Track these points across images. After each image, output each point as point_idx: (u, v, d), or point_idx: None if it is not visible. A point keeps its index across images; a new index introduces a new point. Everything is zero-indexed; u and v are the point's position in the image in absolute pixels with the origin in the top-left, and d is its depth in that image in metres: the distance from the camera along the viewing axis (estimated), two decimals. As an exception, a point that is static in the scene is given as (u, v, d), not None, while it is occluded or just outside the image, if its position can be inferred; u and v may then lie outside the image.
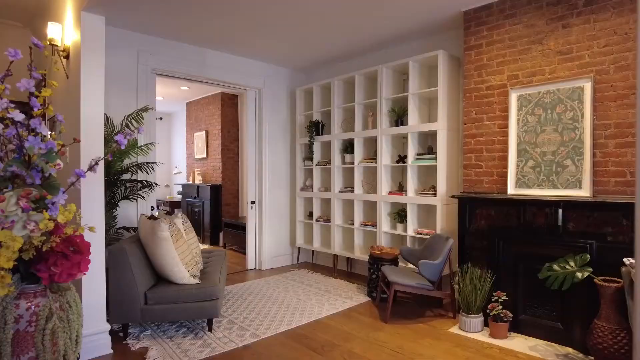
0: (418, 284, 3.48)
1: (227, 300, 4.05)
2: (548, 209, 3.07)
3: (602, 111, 2.96)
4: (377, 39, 4.52)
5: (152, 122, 4.38)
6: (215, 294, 3.08)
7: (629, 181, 2.85)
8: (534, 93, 3.27)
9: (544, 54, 3.24)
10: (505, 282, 3.30)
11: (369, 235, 4.85)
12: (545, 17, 3.23)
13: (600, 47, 2.97)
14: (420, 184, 4.34)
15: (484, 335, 3.22)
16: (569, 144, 3.08)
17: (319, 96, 5.35)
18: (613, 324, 2.61)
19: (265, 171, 5.46)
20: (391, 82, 4.50)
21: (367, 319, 3.58)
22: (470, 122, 3.71)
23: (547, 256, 3.05)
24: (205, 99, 7.73)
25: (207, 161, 7.72)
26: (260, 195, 5.45)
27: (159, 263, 3.08)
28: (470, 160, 3.71)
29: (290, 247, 5.81)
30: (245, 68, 5.22)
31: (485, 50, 3.58)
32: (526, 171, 3.30)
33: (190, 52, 4.70)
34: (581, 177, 3.00)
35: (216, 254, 4.21)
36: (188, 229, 3.62)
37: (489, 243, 3.41)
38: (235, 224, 6.62)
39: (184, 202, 8.01)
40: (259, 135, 5.46)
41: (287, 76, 5.74)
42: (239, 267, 5.54)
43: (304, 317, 3.58)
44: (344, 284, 4.66)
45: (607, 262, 2.80)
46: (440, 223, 3.92)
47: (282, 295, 4.22)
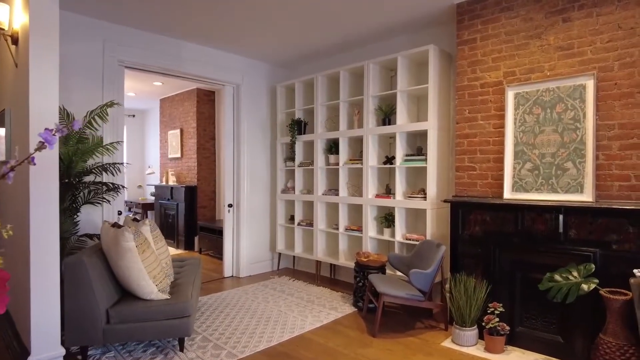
0: (409, 294, 3.24)
1: (201, 314, 3.72)
2: (548, 214, 2.87)
3: (605, 111, 2.78)
4: (363, 33, 4.26)
5: (119, 119, 4.01)
6: (187, 311, 2.76)
7: (634, 185, 2.67)
8: (532, 91, 3.07)
9: (543, 49, 3.04)
10: (502, 293, 3.09)
11: (354, 241, 4.60)
12: (545, 10, 3.03)
13: (603, 43, 2.79)
14: (409, 186, 4.11)
15: (479, 350, 3.00)
16: (570, 145, 2.89)
17: (302, 93, 5.07)
18: (621, 340, 2.43)
19: (244, 172, 5.14)
20: (378, 79, 4.25)
21: (354, 332, 3.32)
22: (463, 122, 3.49)
23: (547, 265, 2.86)
24: (180, 95, 7.34)
25: (181, 161, 7.33)
26: (238, 198, 5.12)
27: (123, 276, 2.74)
28: (463, 162, 3.50)
29: (270, 253, 5.50)
30: (222, 62, 4.89)
31: (480, 45, 3.37)
32: (524, 174, 3.10)
33: (163, 44, 4.34)
34: (583, 181, 2.82)
35: (189, 262, 3.87)
36: (157, 237, 3.28)
37: (483, 251, 3.20)
38: (211, 228, 6.27)
39: (157, 204, 7.59)
40: (237, 133, 5.14)
41: (268, 71, 5.43)
42: (215, 275, 5.20)
43: (286, 331, 3.30)
44: (327, 292, 4.39)
45: (611, 272, 2.62)
46: (430, 228, 3.70)
47: (261, 306, 3.92)
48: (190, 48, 4.57)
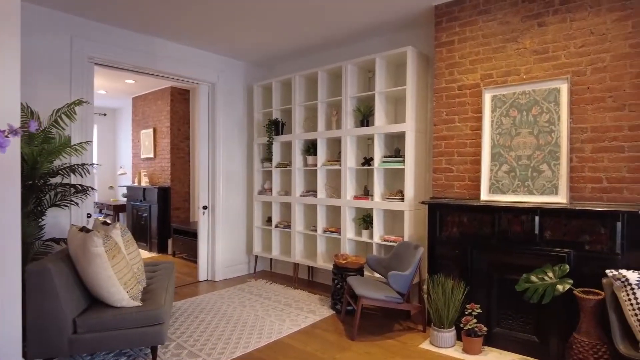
0: (387, 297, 3.22)
1: (175, 320, 3.60)
2: (524, 216, 2.91)
3: (579, 114, 2.84)
4: (342, 33, 4.23)
5: (88, 118, 3.84)
6: (160, 318, 2.66)
7: (605, 187, 2.73)
8: (509, 93, 3.11)
9: (519, 52, 3.08)
10: (479, 294, 3.11)
11: (332, 243, 4.56)
12: (521, 14, 3.07)
13: (576, 48, 2.85)
14: (387, 188, 4.10)
15: (457, 351, 3.01)
16: (545, 147, 2.93)
17: (279, 93, 4.99)
18: (593, 339, 2.47)
19: (219, 173, 5.03)
20: (356, 80, 4.23)
21: (332, 336, 3.28)
22: (441, 124, 3.51)
23: (523, 266, 2.89)
24: (154, 93, 7.14)
25: (154, 161, 7.12)
26: (214, 199, 5.01)
27: (92, 283, 2.61)
28: (440, 164, 3.51)
29: (247, 256, 5.40)
30: (197, 60, 4.77)
31: (458, 48, 3.39)
32: (500, 176, 3.13)
33: (136, 41, 4.19)
34: (557, 183, 2.86)
35: (163, 267, 3.75)
36: (128, 241, 3.15)
37: (461, 252, 3.21)
38: (185, 230, 6.11)
39: (129, 206, 7.36)
40: (212, 133, 5.02)
41: (244, 70, 5.34)
42: (189, 279, 5.06)
43: (263, 337, 3.22)
44: (305, 295, 4.33)
45: (584, 272, 2.67)
46: (408, 230, 3.70)
47: (237, 311, 3.83)
48: (164, 45, 4.43)
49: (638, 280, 2.23)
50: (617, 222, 2.55)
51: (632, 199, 2.63)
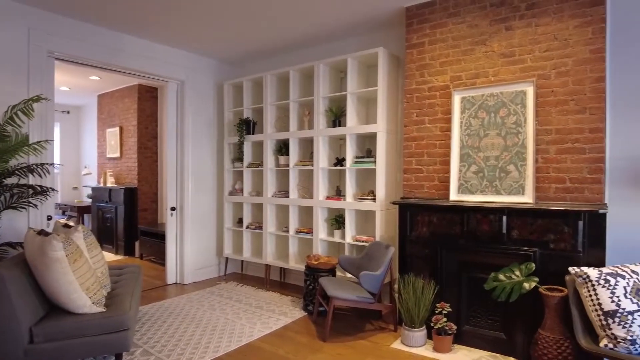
0: (359, 297, 3.22)
1: (141, 325, 3.48)
2: (492, 216, 2.97)
3: (544, 116, 2.92)
4: (313, 33, 4.21)
5: (48, 116, 3.66)
6: (125, 324, 2.55)
7: (568, 187, 2.82)
8: (478, 95, 3.17)
9: (487, 55, 3.14)
10: (449, 292, 3.16)
11: (304, 243, 4.53)
12: (489, 17, 3.13)
13: (541, 52, 2.93)
14: (359, 188, 4.11)
15: (428, 350, 3.04)
16: (512, 149, 3.00)
17: (250, 91, 4.92)
18: (557, 334, 2.55)
19: (188, 173, 4.91)
20: (328, 80, 4.21)
21: (304, 338, 3.25)
22: (411, 125, 3.54)
23: (491, 265, 2.95)
24: (120, 91, 6.90)
25: (121, 161, 6.89)
26: (182, 200, 4.88)
27: (51, 290, 2.48)
28: (410, 165, 3.54)
29: (217, 258, 5.30)
30: (166, 57, 4.64)
31: (428, 50, 3.42)
32: (469, 176, 3.18)
33: (101, 36, 4.03)
34: (524, 183, 2.94)
35: (129, 270, 3.61)
36: (92, 244, 3.01)
37: (431, 251, 3.25)
38: (153, 232, 5.94)
39: (94, 207, 7.09)
40: (180, 132, 4.89)
41: (214, 68, 5.23)
42: (157, 282, 4.92)
43: (233, 340, 3.16)
44: (277, 297, 4.29)
45: (549, 270, 2.75)
46: (379, 230, 3.71)
47: (207, 314, 3.74)
48: (131, 41, 4.29)
49: (598, 276, 2.31)
50: (579, 221, 2.64)
51: (592, 199, 2.73)
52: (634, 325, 2.16)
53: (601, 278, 2.29)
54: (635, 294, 2.24)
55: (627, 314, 2.18)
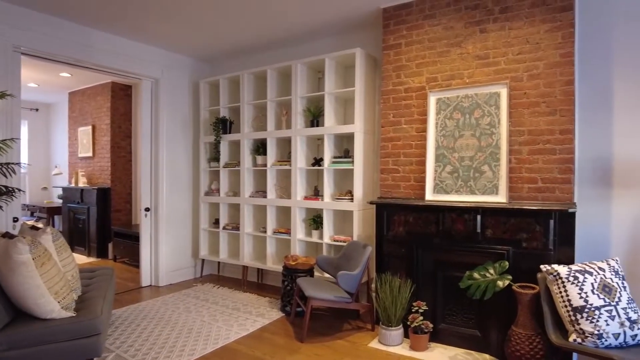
0: (337, 297, 3.22)
1: (114, 329, 3.39)
2: (467, 215, 3.02)
3: (517, 118, 2.99)
4: (291, 32, 4.19)
5: (14, 113, 3.53)
6: (96, 329, 2.48)
7: (540, 187, 2.89)
8: (453, 97, 3.21)
9: (462, 57, 3.19)
10: (425, 291, 3.20)
11: (282, 244, 4.50)
12: (464, 20, 3.18)
13: (514, 55, 2.99)
14: (337, 188, 4.12)
15: (405, 348, 3.07)
16: (487, 149, 3.06)
17: (227, 90, 4.86)
18: (529, 330, 2.61)
19: (163, 173, 4.81)
20: (306, 80, 4.20)
21: (281, 339, 3.23)
22: (388, 125, 3.56)
23: (466, 263, 3.00)
24: (93, 88, 6.71)
25: (93, 160, 6.70)
26: (157, 201, 4.78)
27: (17, 294, 2.38)
28: (387, 165, 3.57)
29: (193, 259, 5.21)
30: (140, 54, 4.53)
31: (405, 51, 3.45)
32: (444, 176, 3.23)
33: (71, 31, 3.90)
34: (498, 183, 3.00)
35: (101, 273, 3.52)
36: (61, 246, 2.91)
37: (407, 250, 3.28)
38: (127, 234, 5.80)
39: (65, 208, 6.87)
40: (155, 131, 4.79)
41: (190, 66, 5.14)
42: (131, 284, 4.80)
43: (209, 343, 3.11)
44: (254, 298, 4.25)
45: (521, 268, 2.81)
46: (357, 229, 3.73)
47: (183, 317, 3.67)
48: (103, 37, 4.17)
49: (567, 274, 2.38)
50: (550, 220, 2.71)
51: (562, 198, 2.80)
52: (601, 320, 2.23)
53: (570, 275, 2.36)
54: (602, 290, 2.31)
55: (594, 310, 2.25)
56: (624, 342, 2.22)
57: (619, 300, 2.29)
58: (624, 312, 2.26)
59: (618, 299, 2.29)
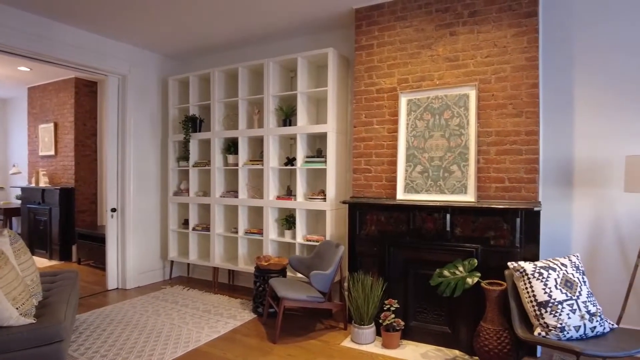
0: (309, 297, 3.22)
1: (79, 334, 3.26)
2: (437, 214, 3.08)
3: (485, 119, 3.07)
4: (263, 31, 4.15)
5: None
6: (58, 335, 2.37)
7: (507, 187, 2.98)
8: (423, 98, 3.27)
9: (433, 59, 3.25)
10: (397, 289, 3.24)
11: (254, 244, 4.46)
12: (435, 22, 3.24)
13: (483, 57, 3.07)
14: (310, 188, 4.11)
15: (377, 347, 3.10)
16: (456, 149, 3.13)
17: (197, 88, 4.77)
18: (497, 326, 2.68)
19: (130, 172, 4.66)
20: (278, 78, 4.17)
21: (254, 341, 3.19)
22: (360, 126, 3.58)
23: (436, 261, 3.06)
24: (55, 84, 6.43)
25: (55, 159, 6.42)
26: (124, 201, 4.63)
27: (-29, 300, 2.25)
28: (359, 165, 3.59)
29: (162, 261, 5.08)
30: (106, 49, 4.37)
31: (377, 52, 3.49)
32: (414, 176, 3.28)
33: (30, 23, 3.72)
34: (467, 183, 3.07)
35: (64, 276, 3.38)
36: (20, 249, 2.77)
37: (379, 249, 3.31)
38: (92, 235, 5.59)
39: (25, 209, 6.55)
40: (122, 129, 4.64)
41: (159, 63, 5.01)
42: (97, 288, 4.63)
43: (179, 347, 3.04)
44: (225, 300, 4.18)
45: (489, 265, 2.89)
46: (329, 229, 3.73)
47: (151, 320, 3.57)
48: (66, 30, 4.00)
49: (533, 270, 2.46)
50: (517, 219, 2.80)
51: (528, 197, 2.90)
52: (563, 313, 2.32)
53: (536, 271, 2.45)
54: (564, 285, 2.41)
55: (558, 304, 2.34)
56: (584, 334, 2.33)
57: (579, 295, 2.39)
58: (584, 306, 2.36)
59: (579, 293, 2.40)
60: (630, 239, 2.96)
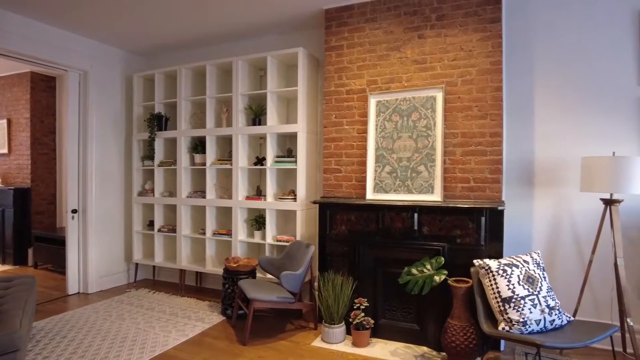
0: (280, 298, 3.20)
1: (36, 343, 3.10)
2: (405, 213, 3.13)
3: (451, 121, 3.15)
4: (232, 28, 4.09)
5: None
6: (13, 344, 2.25)
7: (472, 187, 3.08)
8: (392, 99, 3.32)
9: (401, 61, 3.30)
10: (366, 288, 3.27)
11: (223, 246, 4.39)
12: (403, 25, 3.30)
13: (449, 61, 3.15)
14: (280, 188, 4.09)
15: (347, 345, 3.12)
16: (423, 150, 3.19)
17: (163, 85, 4.64)
18: (464, 322, 2.76)
19: (92, 172, 4.48)
20: (247, 77, 4.12)
21: (223, 343, 3.14)
22: (330, 126, 3.60)
23: (405, 260, 3.11)
24: (8, 78, 6.09)
25: (9, 158, 6.09)
26: (85, 202, 4.45)
27: None
28: (330, 165, 3.60)
29: (126, 264, 4.91)
30: (65, 43, 4.18)
31: (346, 53, 3.51)
32: (383, 176, 3.32)
33: (-20, 13, 3.51)
34: (433, 183, 3.14)
35: (19, 282, 3.20)
36: (-29, 254, 2.61)
37: (349, 248, 3.34)
38: (50, 238, 5.34)
39: (-25, 211, 6.17)
40: (83, 127, 4.45)
41: (123, 59, 4.84)
42: (56, 293, 4.43)
43: (146, 351, 2.95)
44: (193, 302, 4.10)
45: (456, 263, 2.97)
46: (300, 229, 3.73)
47: (115, 325, 3.45)
48: (20, 22, 3.79)
49: (497, 267, 2.55)
50: (482, 217, 2.89)
51: (492, 197, 3.00)
52: (525, 308, 2.42)
53: (500, 268, 2.53)
54: (526, 281, 2.51)
55: (520, 299, 2.44)
56: (544, 327, 2.43)
57: (540, 290, 2.50)
58: (544, 300, 2.47)
59: (539, 289, 2.50)
60: (585, 236, 3.12)
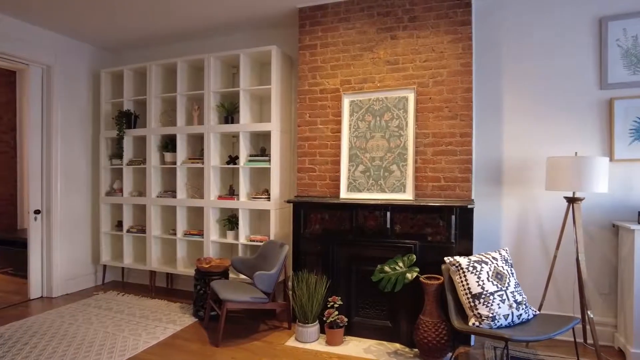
0: (253, 298, 3.17)
1: (-5, 349, 2.96)
2: (378, 212, 3.17)
3: (422, 121, 3.20)
4: (204, 24, 4.02)
5: None
6: (-28, 352, 2.14)
7: (443, 185, 3.14)
8: (365, 99, 3.35)
9: (374, 61, 3.34)
10: (340, 286, 3.29)
11: (194, 246, 4.31)
12: (376, 26, 3.33)
13: (421, 62, 3.21)
14: (253, 187, 4.05)
15: (321, 344, 3.13)
16: (395, 150, 3.24)
17: (132, 82, 4.51)
18: (435, 318, 2.82)
19: (56, 171, 4.30)
20: (220, 75, 4.06)
21: (195, 345, 3.09)
22: (304, 125, 3.60)
23: (378, 258, 3.15)
24: (-37, 72, 5.79)
25: (-35, 156, 5.78)
26: (49, 202, 4.27)
27: None
28: (304, 164, 3.60)
29: (93, 266, 4.75)
30: (26, 36, 3.99)
31: (320, 52, 3.51)
32: (357, 175, 3.35)
33: None
34: (405, 182, 3.19)
35: (-22, 287, 3.05)
36: None
37: (323, 247, 3.35)
38: (10, 240, 5.10)
39: None
40: (47, 124, 4.27)
41: (89, 54, 4.68)
42: (16, 298, 4.23)
43: (115, 356, 2.86)
44: (164, 304, 4.01)
45: (427, 260, 3.03)
46: (274, 229, 3.71)
47: (82, 329, 3.33)
48: (-22, 14, 3.61)
49: (467, 264, 2.62)
50: (452, 216, 2.96)
51: (462, 196, 3.08)
52: (494, 304, 2.49)
53: (470, 265, 2.60)
54: (495, 277, 2.59)
55: (489, 295, 2.51)
56: (511, 322, 2.51)
57: (508, 285, 2.58)
58: (512, 296, 2.55)
59: (507, 284, 2.58)
60: (550, 233, 3.24)
